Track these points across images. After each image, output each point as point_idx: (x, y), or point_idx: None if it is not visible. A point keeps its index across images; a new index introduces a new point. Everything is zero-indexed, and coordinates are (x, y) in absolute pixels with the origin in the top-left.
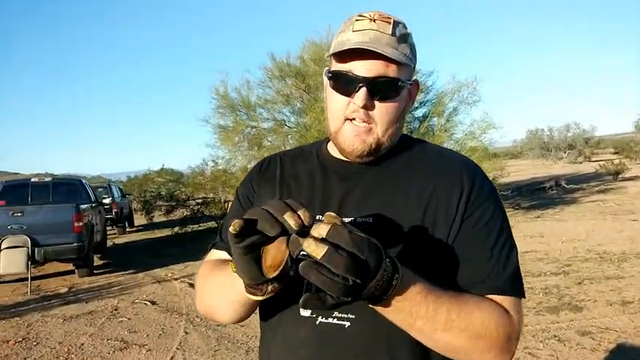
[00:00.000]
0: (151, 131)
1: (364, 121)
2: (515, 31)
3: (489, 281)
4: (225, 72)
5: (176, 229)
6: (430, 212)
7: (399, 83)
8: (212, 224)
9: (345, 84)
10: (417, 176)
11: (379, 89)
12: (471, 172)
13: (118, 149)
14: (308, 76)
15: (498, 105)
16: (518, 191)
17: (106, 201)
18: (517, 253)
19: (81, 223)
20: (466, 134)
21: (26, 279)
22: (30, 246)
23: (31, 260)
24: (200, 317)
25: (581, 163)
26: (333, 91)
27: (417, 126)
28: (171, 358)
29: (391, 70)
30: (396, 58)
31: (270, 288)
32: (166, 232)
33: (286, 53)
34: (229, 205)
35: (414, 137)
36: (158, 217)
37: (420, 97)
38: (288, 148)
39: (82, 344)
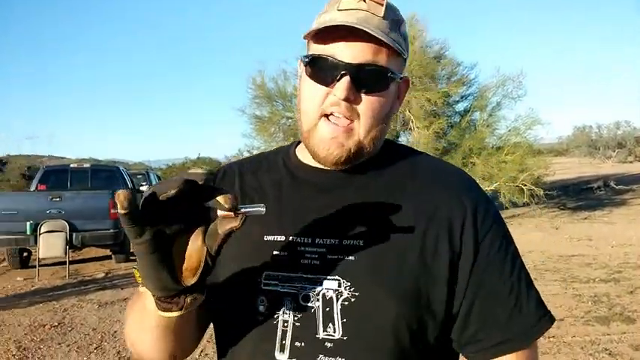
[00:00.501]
0: (192, 120)
1: (345, 117)
2: (564, 20)
3: (508, 333)
4: (263, 62)
5: None
6: (430, 239)
7: (390, 74)
8: None
9: (324, 71)
10: (410, 193)
11: (366, 79)
12: (472, 192)
13: (158, 137)
14: None
15: (543, 99)
16: (564, 191)
17: (144, 188)
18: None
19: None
20: (510, 130)
21: (65, 263)
22: (68, 231)
23: (69, 245)
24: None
25: (631, 162)
26: (310, 79)
27: (458, 120)
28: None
29: (381, 58)
30: (389, 42)
31: (189, 300)
32: None
33: None
34: None
35: (399, 143)
36: None
37: (461, 90)
38: None
39: (115, 332)
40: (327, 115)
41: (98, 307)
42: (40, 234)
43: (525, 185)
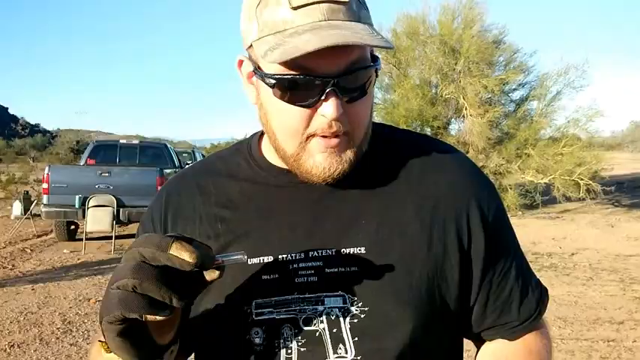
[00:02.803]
0: (237, 100)
1: (338, 136)
2: (619, 10)
3: (525, 312)
4: None
5: None
6: (436, 237)
7: (375, 70)
8: None
9: (303, 91)
10: (409, 187)
11: (352, 86)
12: (474, 176)
13: (205, 117)
14: (399, 50)
15: (599, 91)
16: (619, 187)
17: None
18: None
19: None
20: (569, 121)
21: (111, 237)
22: (115, 206)
23: (116, 220)
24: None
25: None
26: (284, 103)
27: (514, 109)
28: None
29: (356, 53)
30: (377, 43)
31: (166, 357)
32: None
33: (378, 25)
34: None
35: (378, 122)
36: None
37: (519, 77)
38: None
39: None
40: (313, 135)
41: None
42: (88, 208)
43: (582, 179)
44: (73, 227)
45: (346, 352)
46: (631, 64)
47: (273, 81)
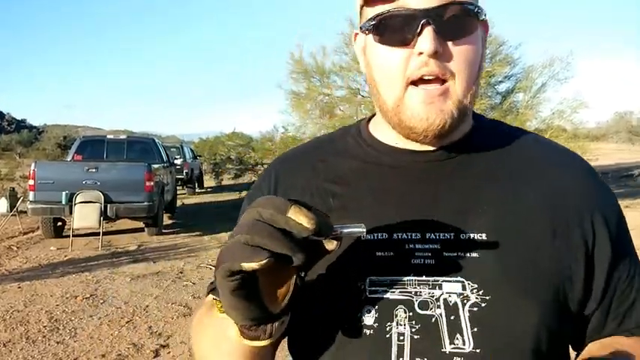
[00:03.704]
0: (227, 95)
1: (437, 77)
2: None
3: None
4: (303, 36)
5: (244, 193)
6: (561, 233)
7: (475, 9)
8: None
9: (397, 29)
10: (528, 176)
11: (451, 23)
12: (594, 177)
13: (192, 111)
14: None
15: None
16: (604, 177)
17: (178, 161)
18: None
19: (152, 183)
20: (554, 113)
21: (98, 234)
22: (103, 202)
23: (104, 216)
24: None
25: None
26: (382, 46)
27: (499, 102)
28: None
29: None
30: None
31: (277, 325)
32: (234, 195)
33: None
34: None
35: (487, 118)
36: (227, 180)
37: (505, 70)
38: (360, 117)
39: (147, 306)
40: (414, 83)
41: (130, 280)
42: (74, 204)
43: None
44: (59, 224)
45: (464, 344)
46: (617, 54)
47: (372, 23)
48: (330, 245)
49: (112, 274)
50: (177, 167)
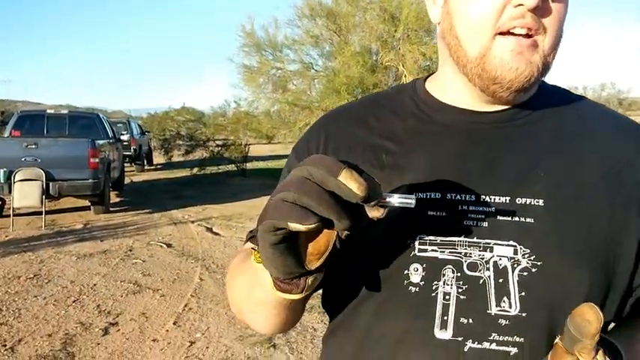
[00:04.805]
0: (176, 68)
1: (528, 32)
2: None
3: None
4: (254, 8)
5: (195, 170)
6: (619, 204)
7: None
8: (231, 167)
9: None
10: (591, 146)
11: None
12: None
13: (140, 85)
14: (340, 16)
15: None
16: None
17: (125, 137)
18: None
19: (97, 159)
20: None
21: (40, 213)
22: (44, 180)
23: (46, 195)
24: (216, 263)
25: None
26: None
27: None
28: (185, 305)
29: None
30: None
31: (310, 281)
32: (185, 172)
33: None
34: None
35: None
36: (177, 156)
37: None
38: (314, 93)
39: (95, 285)
40: (502, 34)
41: (76, 259)
42: (14, 182)
43: None
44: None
45: (510, 307)
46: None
47: None
48: (376, 213)
49: (56, 254)
50: (125, 143)
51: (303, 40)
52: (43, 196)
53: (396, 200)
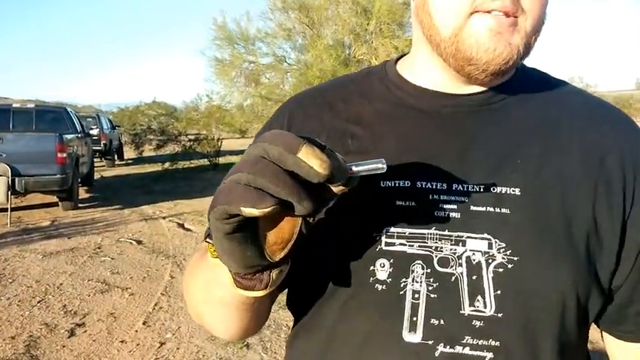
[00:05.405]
0: (147, 63)
1: (506, 14)
2: None
3: None
4: (225, 1)
5: (166, 164)
6: (601, 194)
7: None
8: (204, 162)
9: None
10: (571, 130)
11: None
12: (638, 134)
13: (110, 80)
14: (313, 9)
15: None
16: None
17: (94, 132)
18: None
19: (64, 154)
20: None
21: (6, 209)
22: (10, 175)
23: (12, 191)
24: (188, 260)
25: None
26: None
27: None
28: (155, 304)
29: None
30: None
31: (274, 276)
32: (156, 167)
33: None
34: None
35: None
36: (148, 151)
37: None
38: (287, 87)
39: (61, 284)
40: (478, 12)
41: (42, 257)
42: None
43: None
44: None
45: (485, 307)
46: None
47: None
48: (339, 187)
49: (21, 252)
50: (95, 138)
51: (275, 33)
52: (9, 192)
53: (364, 168)
